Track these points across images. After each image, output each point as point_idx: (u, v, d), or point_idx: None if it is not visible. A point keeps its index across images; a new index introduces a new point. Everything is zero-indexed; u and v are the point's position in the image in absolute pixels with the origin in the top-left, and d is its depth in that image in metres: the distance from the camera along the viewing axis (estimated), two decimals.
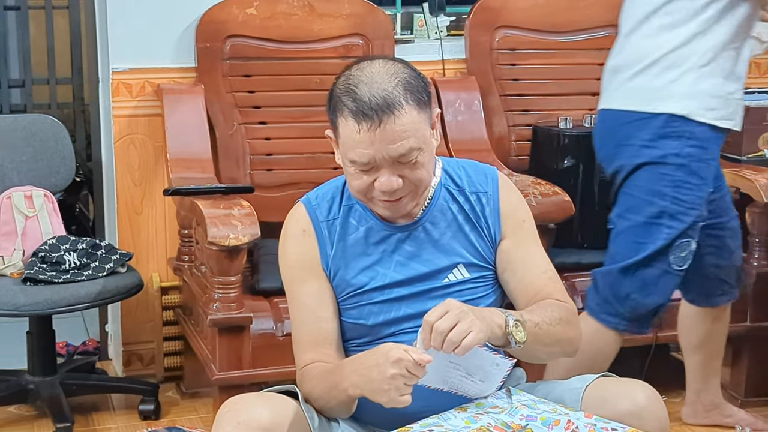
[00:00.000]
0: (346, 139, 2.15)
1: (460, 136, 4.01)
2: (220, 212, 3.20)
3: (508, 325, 2.10)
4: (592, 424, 2.05)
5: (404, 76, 2.16)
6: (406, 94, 2.13)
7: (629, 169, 3.02)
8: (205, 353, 3.36)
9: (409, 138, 2.12)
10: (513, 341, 2.11)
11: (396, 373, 1.99)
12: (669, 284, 3.07)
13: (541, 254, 2.37)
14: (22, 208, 3.58)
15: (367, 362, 2.06)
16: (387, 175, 2.15)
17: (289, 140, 3.88)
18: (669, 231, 3.00)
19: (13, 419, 3.67)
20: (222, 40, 3.81)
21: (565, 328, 2.24)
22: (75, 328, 4.50)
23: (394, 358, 1.99)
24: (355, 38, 3.93)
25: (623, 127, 3.03)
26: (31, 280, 3.40)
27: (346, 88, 2.16)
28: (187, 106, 3.77)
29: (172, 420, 3.67)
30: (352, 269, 2.29)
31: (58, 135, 3.81)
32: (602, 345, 3.10)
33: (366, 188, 2.18)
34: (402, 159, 2.14)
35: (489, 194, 2.33)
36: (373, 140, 2.11)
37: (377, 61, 2.21)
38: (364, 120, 2.10)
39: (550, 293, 2.29)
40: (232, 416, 2.07)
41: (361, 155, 2.13)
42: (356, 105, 2.12)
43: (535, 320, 2.17)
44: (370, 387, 2.03)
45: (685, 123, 2.95)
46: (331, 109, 2.20)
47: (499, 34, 4.12)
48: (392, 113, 2.10)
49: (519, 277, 2.31)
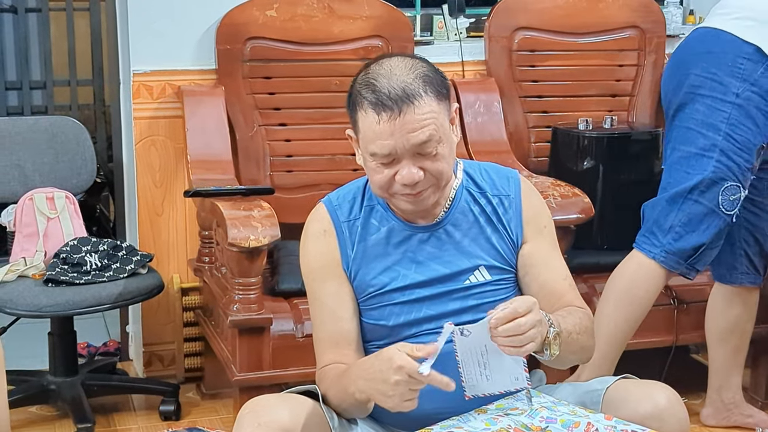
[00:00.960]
0: (366, 132, 2.16)
1: (480, 137, 4.01)
2: (241, 213, 3.21)
3: (548, 337, 2.10)
4: (612, 426, 2.04)
5: (423, 69, 2.18)
6: (424, 85, 2.14)
7: (688, 98, 3.11)
8: (225, 354, 3.37)
9: (428, 126, 2.13)
10: (547, 354, 2.11)
11: (399, 380, 1.98)
12: (713, 225, 3.13)
13: (561, 261, 2.38)
14: (44, 209, 3.60)
15: (371, 368, 2.06)
16: (408, 167, 2.15)
17: (309, 142, 3.88)
18: (717, 165, 3.07)
19: (35, 419, 3.69)
20: (242, 42, 3.82)
21: (588, 336, 2.25)
22: (96, 329, 4.52)
23: (396, 365, 1.98)
24: (374, 40, 3.93)
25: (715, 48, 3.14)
26: (53, 281, 3.42)
27: (365, 82, 2.18)
28: (208, 107, 3.78)
29: (193, 421, 3.68)
30: (373, 270, 2.29)
31: (79, 137, 3.84)
32: (641, 276, 3.18)
33: (387, 182, 2.18)
34: (422, 149, 2.14)
35: (511, 197, 2.34)
36: (393, 130, 2.12)
37: (396, 57, 2.23)
38: (384, 110, 2.11)
39: (572, 300, 2.30)
40: (252, 417, 2.08)
41: (381, 147, 2.14)
42: (375, 96, 2.13)
43: (569, 329, 2.16)
44: (374, 392, 2.04)
45: (756, 64, 3.01)
46: (351, 106, 2.22)
47: (518, 35, 4.12)
48: (411, 102, 2.12)
49: (541, 281, 2.32)
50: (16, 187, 3.71)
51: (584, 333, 2.22)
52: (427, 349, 1.99)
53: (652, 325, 3.59)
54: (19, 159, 3.75)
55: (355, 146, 2.27)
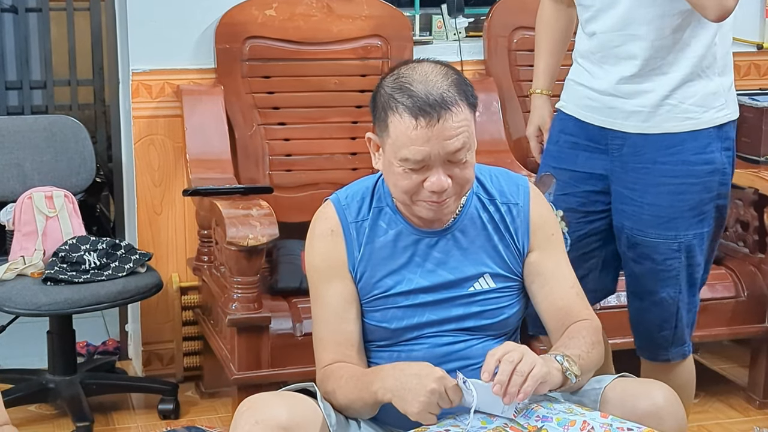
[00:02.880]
0: (399, 137, 2.15)
1: (479, 137, 3.86)
2: (239, 212, 3.21)
3: (562, 364, 2.12)
4: (607, 425, 2.05)
5: (455, 77, 2.19)
6: (459, 93, 2.15)
7: None
8: (224, 353, 3.38)
9: (462, 134, 2.15)
10: (572, 377, 2.13)
11: (435, 389, 2.00)
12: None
13: (569, 269, 2.38)
14: (43, 208, 3.61)
15: (408, 370, 2.07)
16: (438, 174, 2.15)
17: (308, 141, 3.88)
18: None
19: (34, 418, 3.69)
20: (241, 42, 3.82)
21: (598, 349, 2.26)
22: (95, 328, 4.52)
23: (439, 374, 2.01)
24: (374, 39, 3.94)
25: None
26: (52, 279, 3.42)
27: (399, 86, 2.16)
28: (207, 107, 3.78)
29: (192, 419, 3.68)
30: (379, 272, 2.30)
31: (78, 135, 3.84)
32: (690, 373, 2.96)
33: (414, 188, 2.18)
34: (454, 157, 2.15)
35: (520, 206, 2.34)
36: (430, 137, 2.12)
37: (425, 62, 2.23)
38: (422, 116, 2.11)
39: (579, 311, 2.31)
40: (250, 415, 2.08)
41: (415, 152, 2.13)
42: (413, 101, 2.12)
43: (577, 353, 2.18)
44: (403, 395, 2.04)
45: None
46: (380, 108, 2.19)
47: (517, 35, 4.12)
48: (450, 110, 2.12)
49: (548, 290, 2.32)
50: (15, 186, 3.71)
51: (594, 348, 2.23)
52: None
53: None
54: (18, 158, 3.75)
55: (374, 149, 2.26)
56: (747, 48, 4.42)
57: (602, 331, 2.33)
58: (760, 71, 4.46)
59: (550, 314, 2.32)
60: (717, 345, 4.28)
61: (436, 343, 2.26)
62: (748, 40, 4.41)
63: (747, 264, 3.79)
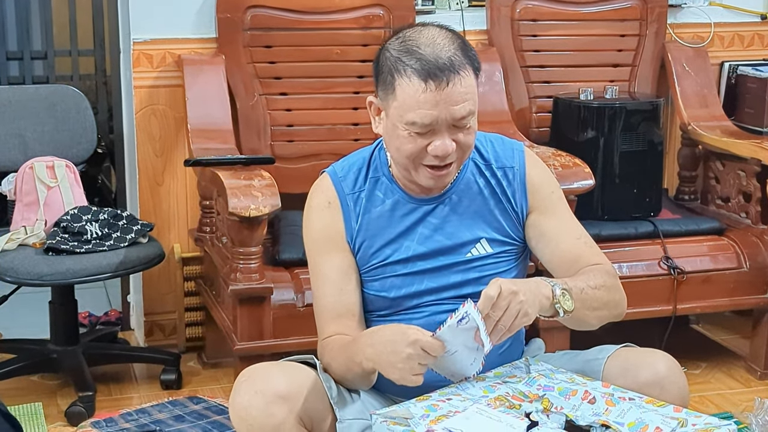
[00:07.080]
0: (406, 100, 2.13)
1: (481, 107, 3.84)
2: (241, 183, 3.20)
3: (555, 295, 2.10)
4: (609, 394, 2.05)
5: (460, 41, 2.18)
6: (466, 58, 2.14)
7: None
8: (226, 324, 3.38)
9: (469, 100, 2.14)
10: (561, 311, 2.11)
11: (411, 354, 1.99)
12: None
13: (574, 221, 2.36)
14: (44, 178, 3.60)
15: (383, 337, 2.06)
16: (443, 138, 2.15)
17: (310, 111, 3.87)
18: None
19: (36, 388, 3.70)
20: (243, 11, 3.81)
21: (608, 291, 2.23)
22: (97, 298, 4.53)
23: (412, 338, 1.99)
24: (375, 9, 3.91)
25: None
26: (53, 249, 3.42)
27: (406, 48, 2.14)
28: (208, 76, 3.77)
29: (194, 390, 3.69)
30: (377, 242, 2.29)
31: (79, 105, 3.83)
32: None
33: (418, 152, 2.17)
34: (460, 123, 2.14)
35: (515, 169, 2.33)
36: (438, 100, 2.11)
37: (430, 26, 2.20)
38: (432, 79, 2.10)
39: (589, 259, 2.28)
40: (249, 385, 2.08)
41: (423, 116, 2.12)
42: (422, 65, 2.11)
43: (580, 286, 2.16)
44: (383, 362, 2.04)
45: None
46: (385, 71, 2.17)
47: (520, 4, 4.10)
48: (458, 74, 2.11)
49: (553, 246, 2.31)
50: (17, 156, 3.71)
51: (602, 288, 2.20)
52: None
53: (651, 296, 3.61)
54: (20, 128, 3.74)
55: (375, 113, 2.25)
56: (750, 18, 4.40)
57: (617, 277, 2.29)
58: (763, 41, 4.44)
59: (560, 269, 2.29)
60: (718, 316, 4.29)
61: (436, 311, 2.25)
62: (752, 10, 4.40)
63: (749, 235, 3.78)
